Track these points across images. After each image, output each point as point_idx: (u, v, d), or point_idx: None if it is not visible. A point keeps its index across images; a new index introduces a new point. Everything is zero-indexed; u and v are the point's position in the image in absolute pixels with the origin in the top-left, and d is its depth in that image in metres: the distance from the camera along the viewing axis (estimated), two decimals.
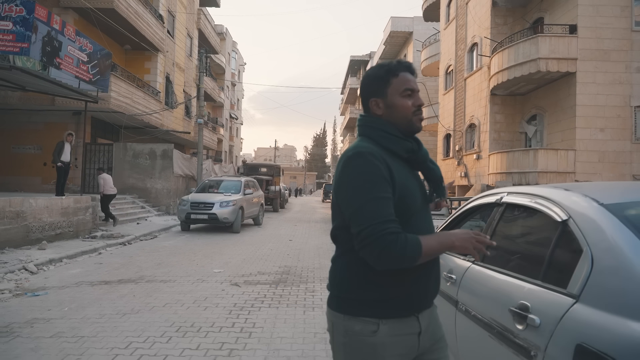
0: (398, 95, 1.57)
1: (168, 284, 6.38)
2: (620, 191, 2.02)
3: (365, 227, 1.40)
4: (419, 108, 1.59)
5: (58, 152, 10.68)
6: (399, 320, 1.48)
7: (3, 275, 6.47)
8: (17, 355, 3.69)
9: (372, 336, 1.45)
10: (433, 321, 1.59)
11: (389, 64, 1.61)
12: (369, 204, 1.42)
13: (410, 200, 1.50)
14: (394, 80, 1.58)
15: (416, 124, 1.58)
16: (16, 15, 8.04)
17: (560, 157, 13.92)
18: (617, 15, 13.98)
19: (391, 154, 1.53)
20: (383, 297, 1.47)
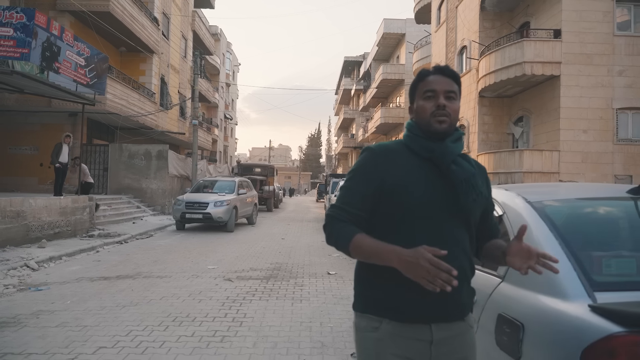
0: (420, 98, 1.59)
1: (164, 279, 6.71)
2: (546, 191, 2.40)
3: (330, 207, 1.60)
4: (440, 108, 1.53)
5: (56, 153, 10.98)
6: (405, 324, 1.46)
7: (6, 271, 6.78)
8: (27, 342, 4.02)
9: (374, 332, 1.49)
10: (459, 338, 1.50)
11: (421, 71, 1.64)
12: (342, 189, 1.59)
13: (400, 198, 1.47)
14: (420, 85, 1.60)
15: (434, 124, 1.54)
16: (17, 21, 8.35)
17: (544, 158, 14.36)
18: (600, 21, 14.44)
19: (413, 153, 1.56)
20: (386, 297, 1.48)
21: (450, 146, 1.53)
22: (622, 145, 14.40)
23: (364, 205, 1.51)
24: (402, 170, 1.50)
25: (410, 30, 33.27)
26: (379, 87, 35.85)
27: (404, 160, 1.53)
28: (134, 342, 4.05)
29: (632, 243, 2.01)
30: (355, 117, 51.44)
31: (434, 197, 1.49)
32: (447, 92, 1.54)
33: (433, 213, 1.47)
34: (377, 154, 1.55)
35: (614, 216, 2.20)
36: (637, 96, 14.41)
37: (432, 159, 1.53)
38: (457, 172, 1.50)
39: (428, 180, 1.50)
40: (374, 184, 1.50)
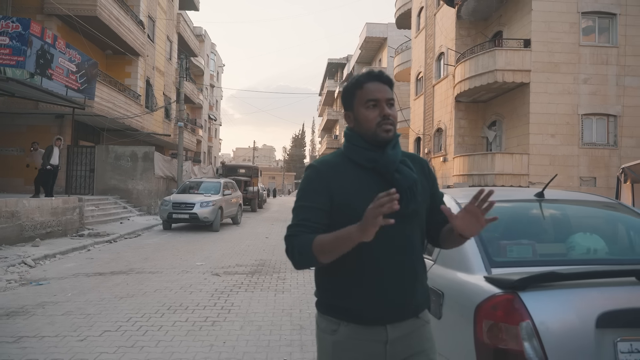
0: (362, 107, 1.57)
1: (156, 274, 7.23)
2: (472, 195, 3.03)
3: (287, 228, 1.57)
4: (385, 118, 1.54)
5: (47, 155, 11.34)
6: (362, 327, 1.52)
7: (6, 268, 7.21)
8: (38, 327, 4.53)
9: (332, 335, 1.55)
10: (413, 335, 1.58)
11: (357, 77, 1.62)
12: (295, 209, 1.58)
13: (349, 210, 1.49)
14: (359, 93, 1.58)
15: (380, 134, 1.54)
16: (12, 31, 8.75)
17: (515, 161, 15.18)
18: (567, 31, 15.33)
19: (355, 164, 1.57)
20: (341, 304, 1.54)
21: (391, 155, 1.55)
22: (587, 149, 15.31)
23: (321, 219, 1.52)
24: (347, 184, 1.53)
25: (392, 34, 34.10)
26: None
27: (347, 172, 1.56)
28: (135, 326, 4.58)
29: (532, 234, 2.65)
30: (338, 119, 52.15)
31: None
32: (388, 100, 1.56)
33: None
34: (322, 170, 1.57)
35: (522, 214, 2.84)
36: (600, 103, 15.34)
37: (375, 169, 1.55)
38: (401, 181, 1.52)
39: (373, 190, 1.46)
40: (324, 199, 1.52)
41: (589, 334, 1.84)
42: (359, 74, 1.62)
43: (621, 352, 1.84)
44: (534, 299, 1.92)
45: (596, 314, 1.85)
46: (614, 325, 1.85)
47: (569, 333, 1.86)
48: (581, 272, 1.98)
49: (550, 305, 1.92)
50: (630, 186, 9.48)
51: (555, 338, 1.85)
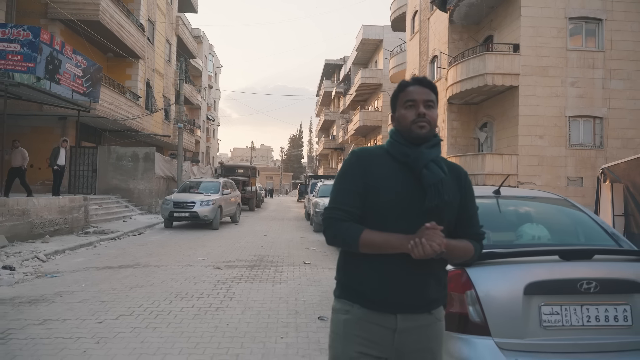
0: (401, 108, 1.72)
1: (161, 268, 7.72)
2: None
3: (326, 209, 1.72)
4: (420, 116, 1.67)
5: (54, 156, 11.82)
6: (373, 312, 1.63)
7: (21, 262, 7.70)
8: (59, 312, 5.02)
9: (345, 314, 1.67)
10: (423, 330, 1.66)
11: (401, 82, 1.78)
12: (334, 192, 1.73)
13: (377, 197, 1.63)
14: (401, 95, 1.74)
15: (415, 131, 1.67)
16: (23, 38, 9.23)
17: (504, 161, 15.72)
18: (555, 36, 15.87)
19: (392, 157, 1.71)
20: (359, 286, 1.65)
21: (424, 152, 1.66)
22: (574, 149, 15.86)
23: (356, 202, 1.66)
24: (379, 173, 1.67)
25: (388, 36, 34.56)
26: (358, 91, 37.10)
27: (382, 163, 1.69)
28: (146, 311, 5.08)
29: (488, 225, 3.16)
30: (335, 119, 52.63)
31: (407, 198, 1.63)
32: (426, 101, 1.69)
33: (404, 212, 1.63)
34: (360, 157, 1.72)
35: (481, 207, 3.34)
36: (587, 105, 15.89)
37: (407, 163, 1.67)
38: (427, 176, 1.63)
39: (402, 182, 1.65)
40: (360, 183, 1.66)
41: (518, 299, 2.35)
42: (404, 80, 1.78)
43: (544, 314, 2.35)
44: (477, 273, 2.44)
45: (524, 284, 2.36)
46: (538, 292, 2.37)
47: (503, 299, 2.38)
48: (512, 252, 2.50)
49: (489, 278, 2.43)
50: (610, 186, 10.01)
51: (492, 303, 2.37)
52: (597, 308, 2.37)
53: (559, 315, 2.35)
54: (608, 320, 2.36)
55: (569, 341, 2.33)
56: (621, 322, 2.36)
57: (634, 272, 2.45)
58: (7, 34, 9.32)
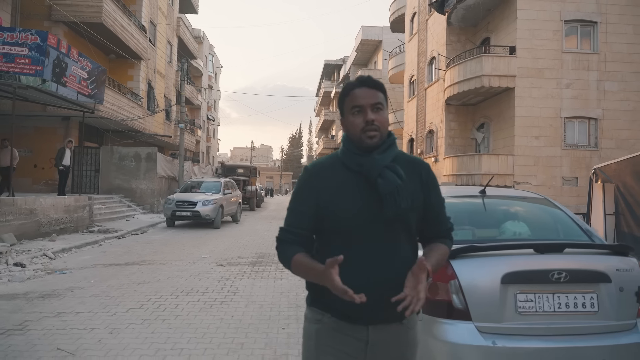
0: (349, 114, 1.61)
1: (166, 265, 8.00)
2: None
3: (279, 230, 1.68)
4: (369, 123, 1.57)
5: (60, 157, 12.09)
6: (345, 323, 1.58)
7: (31, 259, 7.97)
8: (72, 306, 5.29)
9: (317, 324, 1.62)
10: (395, 340, 1.60)
11: (346, 84, 1.66)
12: (287, 212, 1.68)
13: (334, 213, 1.57)
14: (347, 100, 1.62)
15: (365, 140, 1.58)
16: (31, 42, 9.49)
17: (501, 161, 15.99)
18: (550, 39, 16.14)
19: (346, 167, 1.61)
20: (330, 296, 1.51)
21: (376, 159, 1.56)
22: (569, 150, 16.14)
23: (306, 224, 1.61)
24: (333, 187, 1.59)
25: (387, 37, 34.85)
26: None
27: (337, 175, 1.61)
28: (155, 305, 5.36)
29: (474, 222, 3.44)
30: (335, 119, 52.87)
31: (365, 210, 1.56)
32: (373, 105, 1.57)
33: (364, 226, 1.55)
34: (312, 174, 1.64)
35: (468, 206, 3.62)
36: (582, 106, 16.17)
37: (361, 173, 1.58)
38: (382, 186, 1.54)
39: (358, 194, 1.57)
40: (312, 202, 1.60)
41: (496, 288, 2.63)
42: (349, 82, 1.66)
43: (519, 301, 2.63)
44: (460, 265, 2.72)
45: (501, 274, 2.63)
46: (514, 282, 2.64)
47: (482, 288, 2.65)
48: (491, 245, 2.78)
49: (470, 269, 2.71)
50: (601, 186, 10.29)
51: (473, 291, 2.65)
52: (567, 296, 2.64)
53: (533, 302, 2.62)
54: (577, 307, 2.64)
55: (541, 325, 2.61)
56: (588, 308, 2.63)
57: (600, 264, 2.72)
58: (16, 38, 9.59)
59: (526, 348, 2.55)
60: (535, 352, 2.55)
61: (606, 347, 2.60)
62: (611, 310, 2.66)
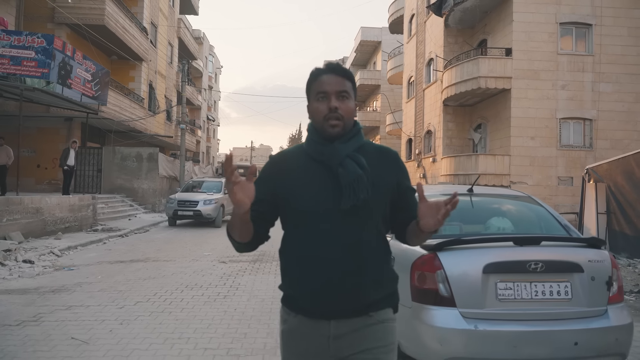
0: (313, 100, 1.58)
1: (170, 262, 8.25)
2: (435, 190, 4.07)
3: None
4: (332, 111, 1.53)
5: (65, 157, 12.34)
6: (307, 318, 1.55)
7: (38, 256, 8.22)
8: (81, 300, 5.54)
9: (284, 324, 1.62)
10: (360, 333, 1.54)
11: (313, 70, 1.62)
12: None
13: (294, 203, 1.55)
14: (313, 85, 1.58)
15: (327, 129, 1.54)
16: (38, 45, 9.75)
17: (497, 162, 16.25)
18: (546, 41, 16.40)
19: (310, 157, 1.59)
20: (293, 294, 1.58)
21: (337, 148, 1.53)
22: (565, 150, 16.40)
23: (260, 206, 1.55)
24: (295, 177, 1.57)
25: (386, 38, 35.07)
26: (357, 92, 37.54)
27: (299, 165, 1.59)
28: (161, 299, 5.61)
29: (461, 218, 3.69)
30: None
31: (325, 200, 1.52)
32: (339, 92, 1.54)
33: (324, 216, 1.51)
34: (275, 163, 1.65)
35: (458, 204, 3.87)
36: (577, 107, 16.43)
37: (324, 162, 1.55)
38: (343, 176, 1.51)
39: (319, 182, 1.54)
40: (268, 189, 1.57)
41: (478, 277, 2.89)
42: (317, 67, 1.62)
43: (499, 289, 2.88)
44: (446, 256, 2.97)
45: (483, 265, 2.89)
46: (495, 271, 2.90)
47: (466, 277, 2.91)
48: (474, 239, 3.04)
49: (455, 260, 2.97)
50: (594, 185, 10.56)
51: (458, 280, 2.90)
52: (543, 284, 2.90)
53: (512, 290, 2.88)
54: (552, 294, 2.90)
55: (519, 311, 2.86)
56: (563, 296, 2.89)
57: (574, 255, 2.98)
58: (22, 41, 9.84)
59: (505, 331, 2.81)
60: (513, 335, 2.81)
61: (578, 330, 2.86)
62: (584, 297, 2.91)
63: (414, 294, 3.02)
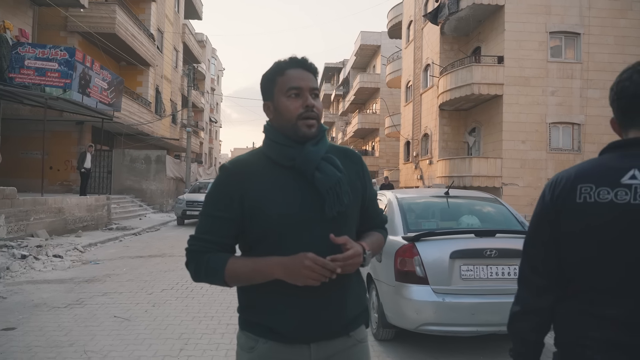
0: (282, 96, 1.38)
1: (184, 258, 9.03)
2: (407, 192, 4.89)
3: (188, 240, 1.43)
4: (308, 109, 1.37)
5: (82, 160, 13.17)
6: (282, 344, 1.35)
7: (65, 252, 9.03)
8: (114, 287, 6.36)
9: (250, 352, 1.39)
10: (339, 355, 1.41)
11: (278, 62, 1.42)
12: (200, 218, 1.43)
13: (264, 218, 1.34)
14: (280, 80, 1.39)
15: (301, 128, 1.36)
16: (61, 57, 10.58)
17: (489, 164, 17.06)
18: (536, 49, 17.21)
19: (274, 163, 1.39)
20: (264, 316, 1.37)
21: (311, 151, 1.38)
22: (554, 153, 17.21)
23: (228, 231, 1.38)
24: (261, 186, 1.36)
25: (385, 42, 35.88)
26: (357, 95, 38.51)
27: (263, 173, 1.39)
28: (183, 287, 6.43)
29: (438, 216, 4.51)
30: (335, 121, 53.95)
31: (300, 210, 1.35)
32: (312, 89, 1.40)
33: (301, 227, 1.34)
34: (232, 173, 1.40)
35: (434, 204, 4.70)
36: (566, 113, 17.24)
37: (295, 168, 1.38)
38: (322, 180, 1.36)
39: (291, 191, 1.37)
40: (234, 206, 1.36)
41: (446, 261, 3.70)
42: (282, 60, 1.43)
43: (462, 271, 3.70)
44: (422, 245, 3.79)
45: (450, 252, 3.71)
46: (459, 257, 3.71)
47: (437, 261, 3.73)
48: (443, 232, 3.86)
49: (429, 248, 3.78)
50: None
51: (430, 264, 3.72)
52: (496, 267, 3.72)
53: (472, 271, 3.70)
54: (504, 275, 3.72)
55: (478, 287, 3.68)
56: (512, 276, 3.71)
57: (521, 244, 3.79)
58: (47, 54, 10.68)
59: (466, 302, 3.63)
60: (472, 305, 3.63)
61: None
62: None
63: (396, 275, 3.84)
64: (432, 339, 4.15)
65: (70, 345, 4.08)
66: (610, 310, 1.09)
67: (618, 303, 1.08)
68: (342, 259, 1.27)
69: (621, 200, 1.10)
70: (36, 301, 5.58)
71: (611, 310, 1.09)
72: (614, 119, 1.27)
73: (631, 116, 1.21)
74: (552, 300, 1.23)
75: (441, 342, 4.17)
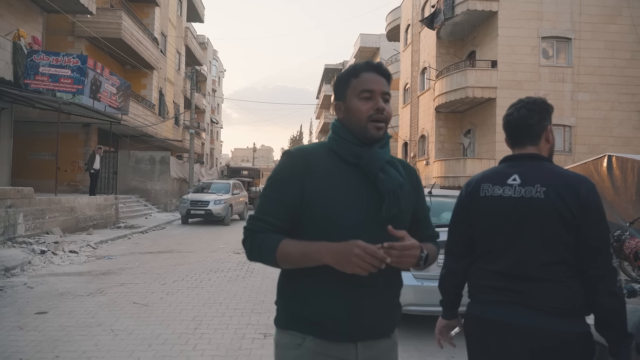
0: (355, 97, 1.43)
1: (192, 253, 9.65)
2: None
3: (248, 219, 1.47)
4: (379, 112, 1.41)
5: (91, 161, 13.76)
6: (329, 342, 1.38)
7: (79, 248, 9.62)
8: (129, 279, 6.95)
9: (296, 349, 1.40)
10: (382, 357, 1.45)
11: (354, 65, 1.47)
12: (261, 199, 1.47)
13: (322, 207, 1.38)
14: (354, 81, 1.45)
15: (371, 130, 1.41)
16: (73, 65, 11.18)
17: (483, 165, 17.62)
18: (528, 54, 17.80)
19: (339, 157, 1.44)
20: (312, 313, 1.38)
21: (378, 152, 1.42)
22: None
23: (285, 215, 1.41)
24: (324, 176, 1.40)
25: (384, 45, 36.48)
26: None
27: (326, 165, 1.42)
28: (192, 278, 7.02)
29: None
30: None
31: (358, 206, 1.38)
32: (384, 93, 1.44)
33: (358, 224, 1.37)
34: (296, 158, 1.43)
35: None
36: (557, 115, 17.78)
37: (359, 166, 1.41)
38: (385, 182, 1.40)
39: (352, 187, 1.40)
40: (294, 191, 1.39)
41: None
42: (357, 63, 1.48)
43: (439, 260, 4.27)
44: None
45: None
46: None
47: None
48: None
49: None
50: None
51: None
52: None
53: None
54: None
55: None
56: None
57: None
58: (60, 61, 11.28)
59: None
60: None
61: None
62: None
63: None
64: (415, 323, 4.74)
65: (98, 326, 4.67)
66: (494, 266, 1.68)
67: (499, 261, 1.67)
68: (399, 248, 1.28)
69: (506, 195, 1.68)
70: (61, 290, 6.18)
71: (495, 266, 1.68)
72: (506, 139, 1.86)
73: (515, 139, 1.80)
74: (467, 264, 1.81)
75: (423, 327, 4.75)
